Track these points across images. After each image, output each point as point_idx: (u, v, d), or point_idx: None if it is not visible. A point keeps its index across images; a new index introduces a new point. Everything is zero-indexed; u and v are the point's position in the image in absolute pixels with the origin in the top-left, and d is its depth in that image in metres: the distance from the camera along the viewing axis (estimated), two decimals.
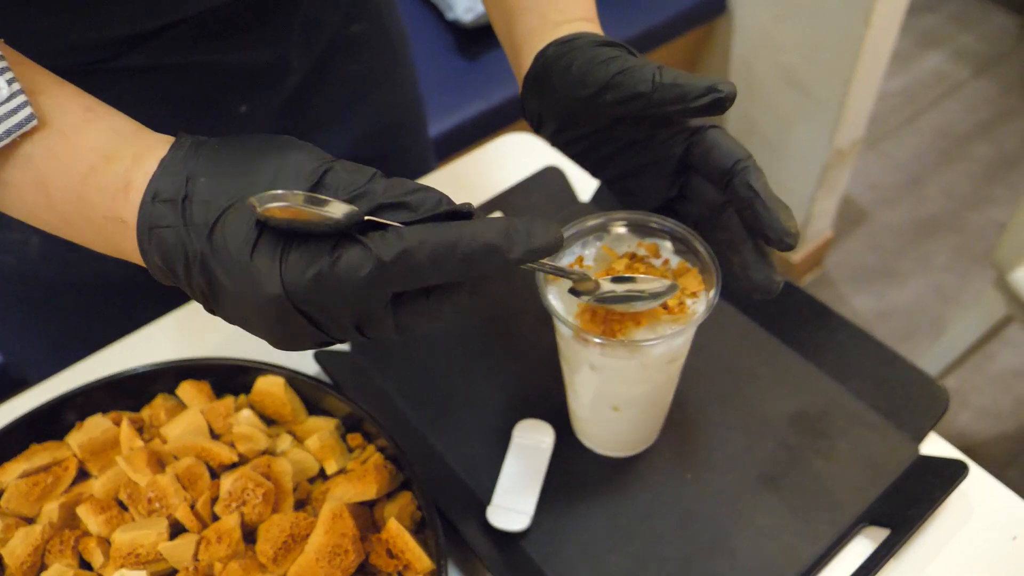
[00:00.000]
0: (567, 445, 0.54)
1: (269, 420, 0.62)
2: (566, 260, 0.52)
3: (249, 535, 0.53)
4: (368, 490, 0.53)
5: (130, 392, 0.61)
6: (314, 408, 0.62)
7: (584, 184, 0.82)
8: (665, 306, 0.43)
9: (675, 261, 0.47)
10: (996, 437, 1.57)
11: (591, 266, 0.51)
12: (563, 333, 0.42)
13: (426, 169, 0.83)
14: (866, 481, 0.49)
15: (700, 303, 0.44)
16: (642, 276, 0.41)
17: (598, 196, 0.79)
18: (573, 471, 0.52)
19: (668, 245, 0.51)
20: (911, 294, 1.91)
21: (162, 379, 0.62)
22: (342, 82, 0.57)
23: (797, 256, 1.86)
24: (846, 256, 2.00)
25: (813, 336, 0.63)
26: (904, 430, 0.52)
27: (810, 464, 0.51)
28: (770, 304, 0.66)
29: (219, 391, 0.63)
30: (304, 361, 0.65)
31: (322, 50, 0.52)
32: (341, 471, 0.57)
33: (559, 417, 0.55)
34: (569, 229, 0.46)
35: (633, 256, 0.50)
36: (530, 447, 0.53)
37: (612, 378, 0.45)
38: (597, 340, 0.41)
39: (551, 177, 0.79)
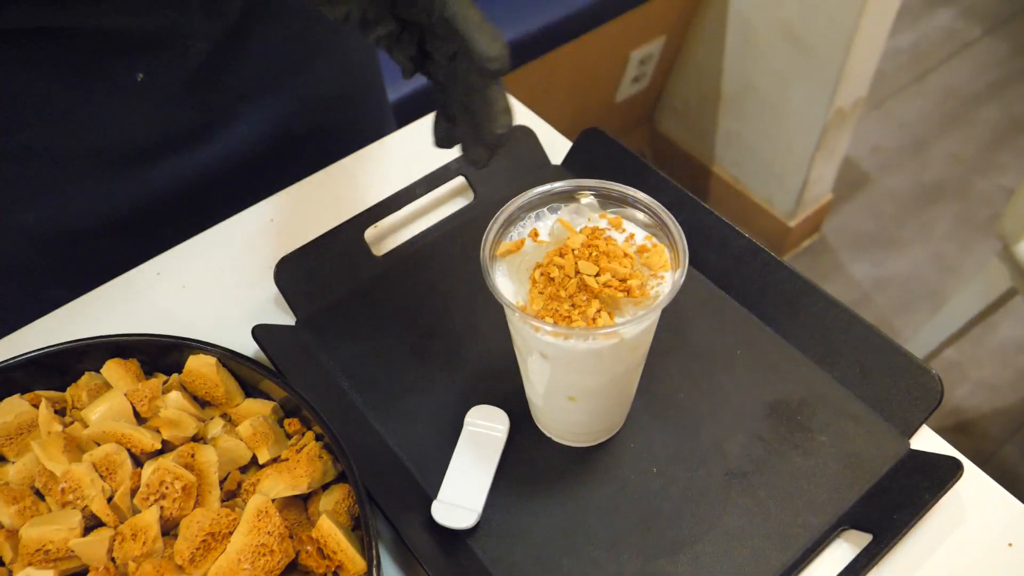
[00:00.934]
0: (523, 433, 0.51)
1: (203, 402, 0.57)
2: (518, 232, 0.47)
3: (173, 530, 0.48)
4: (299, 483, 0.49)
5: (53, 371, 0.56)
6: (252, 389, 0.57)
7: (556, 146, 0.77)
8: (626, 289, 0.42)
9: (640, 236, 0.47)
10: (994, 411, 1.53)
11: (546, 241, 0.46)
12: (510, 316, 0.43)
13: (383, 134, 0.77)
14: (848, 480, 0.46)
15: (665, 285, 0.42)
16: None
17: (570, 159, 0.74)
18: (528, 462, 0.50)
19: (638, 217, 0.47)
20: (910, 263, 1.86)
21: (88, 357, 0.57)
22: (266, 52, 0.51)
23: (794, 221, 1.81)
24: (845, 221, 1.95)
25: (796, 316, 0.59)
26: (892, 423, 0.49)
27: (787, 460, 0.48)
28: (750, 279, 0.62)
29: (149, 370, 0.58)
30: (243, 338, 0.60)
31: (237, 15, 0.46)
32: (275, 460, 0.53)
33: (516, 403, 0.56)
34: (530, 195, 0.46)
35: (594, 231, 0.46)
36: (482, 435, 0.50)
37: (565, 368, 0.43)
38: (547, 327, 0.39)
39: (521, 138, 0.74)
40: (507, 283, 0.42)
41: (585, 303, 0.40)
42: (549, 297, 0.40)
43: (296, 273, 0.63)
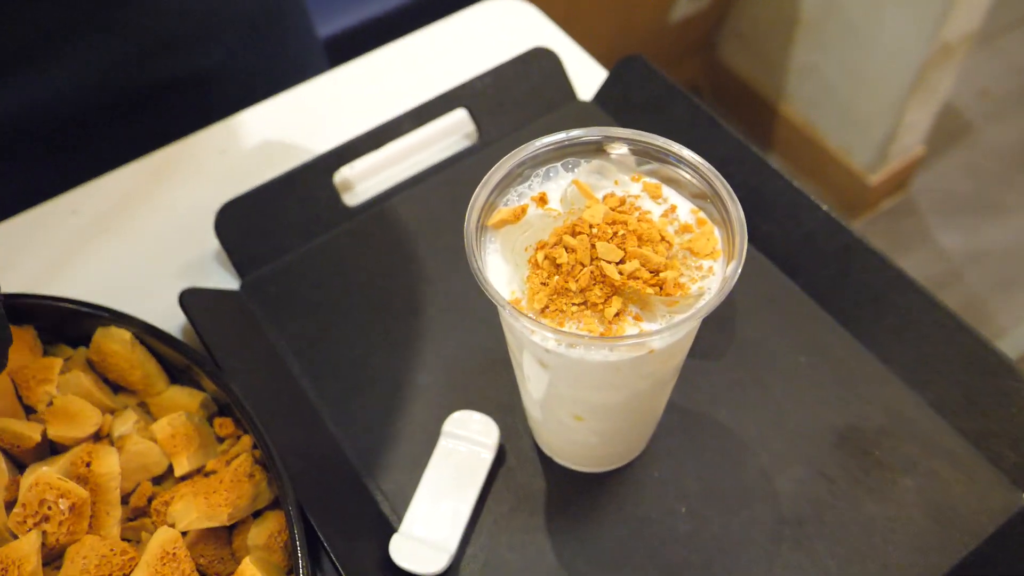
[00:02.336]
0: (517, 450, 0.51)
1: (117, 387, 0.52)
2: (519, 195, 0.43)
3: (58, 561, 0.44)
4: (218, 513, 0.44)
5: None
6: (180, 374, 0.52)
7: (589, 76, 0.71)
8: (659, 284, 0.38)
9: (685, 209, 0.42)
10: None
11: (555, 210, 0.41)
12: (500, 310, 0.40)
13: (307, 74, 0.75)
14: (940, 540, 0.44)
15: (712, 280, 0.39)
16: None
17: (604, 94, 0.67)
18: (521, 489, 0.49)
19: (683, 182, 0.42)
20: (1013, 233, 1.77)
21: None
22: None
23: (875, 176, 1.72)
24: (937, 180, 1.86)
25: (883, 317, 0.54)
26: (1002, 467, 0.47)
27: (857, 507, 0.47)
28: (824, 265, 0.56)
29: (50, 340, 0.53)
30: (173, 304, 0.55)
31: None
32: (197, 472, 0.48)
33: (510, 410, 0.53)
34: (537, 146, 0.42)
35: (622, 201, 0.41)
36: (463, 450, 0.48)
37: (571, 380, 0.40)
38: (547, 334, 0.36)
39: (541, 63, 0.68)
40: (499, 265, 0.39)
41: (602, 300, 0.37)
42: (554, 290, 0.37)
43: (244, 223, 0.59)
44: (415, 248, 0.60)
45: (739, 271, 0.38)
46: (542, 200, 0.42)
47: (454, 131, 0.67)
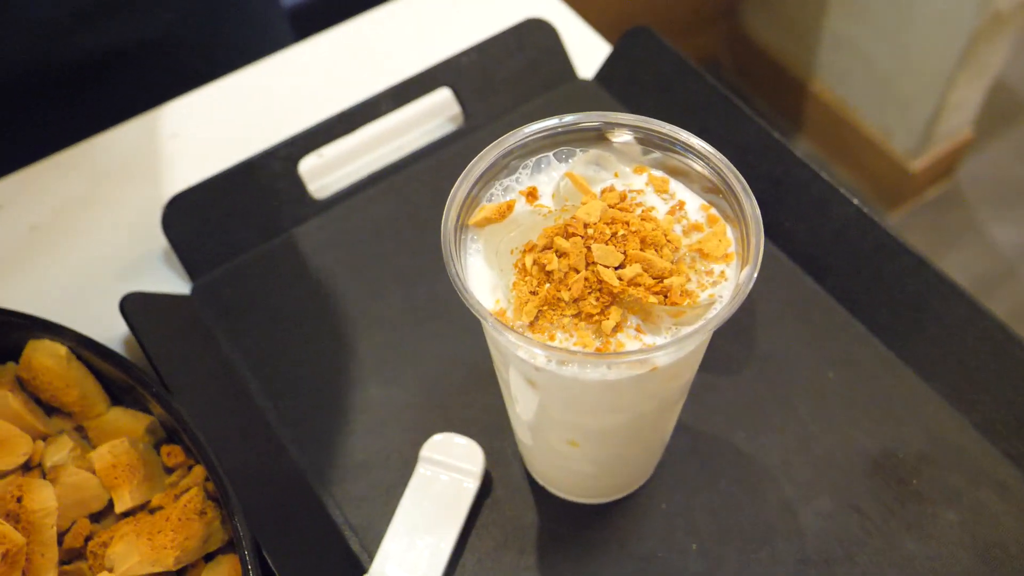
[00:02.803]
0: (506, 478, 0.52)
1: (51, 408, 0.52)
2: (505, 190, 0.42)
3: None
4: (163, 557, 0.44)
5: None
6: (123, 394, 0.52)
7: (586, 49, 0.71)
8: (664, 291, 0.38)
9: (694, 206, 0.41)
10: None
11: (547, 207, 0.41)
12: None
13: (270, 47, 0.74)
14: None
15: (725, 286, 0.39)
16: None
17: (608, 72, 0.67)
18: (510, 523, 0.49)
19: (693, 174, 0.42)
20: None
21: None
22: None
23: (918, 162, 1.72)
24: (987, 166, 1.86)
25: (923, 327, 0.54)
26: None
27: (894, 544, 0.47)
28: (857, 266, 0.56)
29: None
30: (114, 312, 0.55)
31: None
32: (141, 508, 0.47)
33: (498, 433, 0.53)
34: (527, 132, 0.42)
35: (622, 196, 0.41)
36: (444, 480, 0.49)
37: (564, 402, 0.40)
38: (536, 350, 0.36)
39: (536, 36, 0.68)
40: (482, 270, 0.39)
41: (599, 311, 0.37)
42: (544, 299, 0.36)
43: (196, 219, 0.59)
44: (392, 247, 0.60)
45: (755, 276, 0.37)
46: (531, 195, 0.42)
47: (437, 113, 0.67)
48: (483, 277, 0.40)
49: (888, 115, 1.72)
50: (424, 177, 0.63)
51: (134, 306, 0.55)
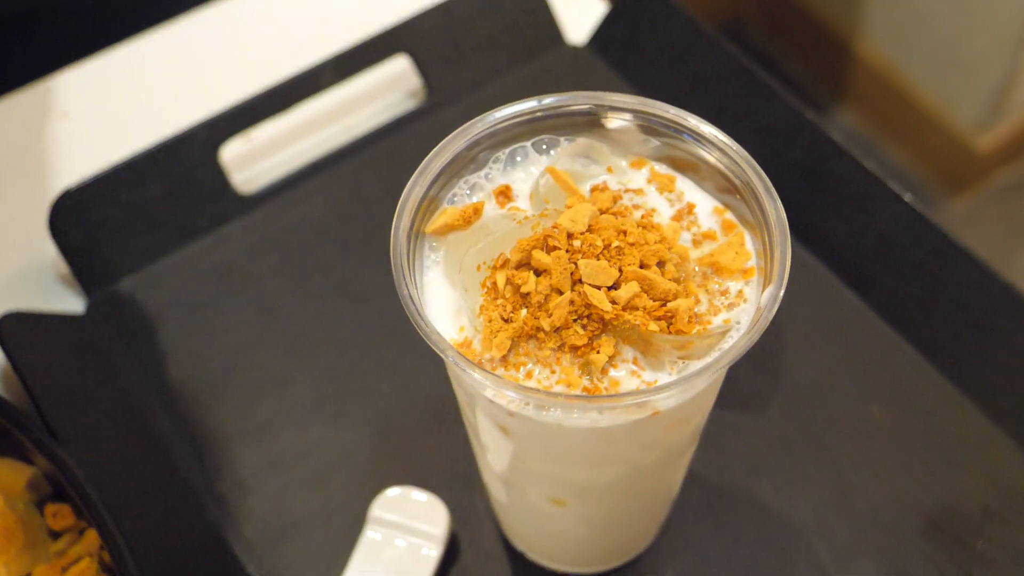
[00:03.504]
0: (476, 542, 0.52)
1: None
2: (470, 189, 0.43)
3: None
4: None
5: None
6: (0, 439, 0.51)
7: (578, 8, 0.71)
8: (668, 316, 0.38)
9: (706, 208, 0.42)
10: None
11: (523, 211, 0.42)
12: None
13: (183, 4, 0.73)
14: None
15: (743, 310, 0.39)
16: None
17: (602, 37, 0.68)
18: None
19: (705, 167, 0.42)
20: None
21: None
22: None
23: (986, 139, 1.73)
24: None
25: (990, 353, 0.55)
26: None
27: None
28: (908, 277, 0.56)
29: None
30: None
31: None
32: None
33: (466, 484, 0.53)
34: (498, 117, 0.42)
35: (615, 198, 0.41)
36: (400, 545, 0.50)
37: (546, 453, 0.41)
38: (509, 392, 0.36)
39: None
40: (443, 290, 0.39)
41: (587, 342, 0.37)
42: (519, 328, 0.37)
43: (91, 220, 0.59)
44: (337, 255, 0.60)
45: (781, 296, 0.37)
46: (504, 196, 0.42)
47: (392, 87, 0.67)
48: (444, 299, 0.40)
49: (949, 82, 1.73)
50: (376, 167, 0.63)
51: (12, 329, 0.54)
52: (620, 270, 0.37)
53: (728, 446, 0.53)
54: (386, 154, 0.63)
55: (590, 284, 0.37)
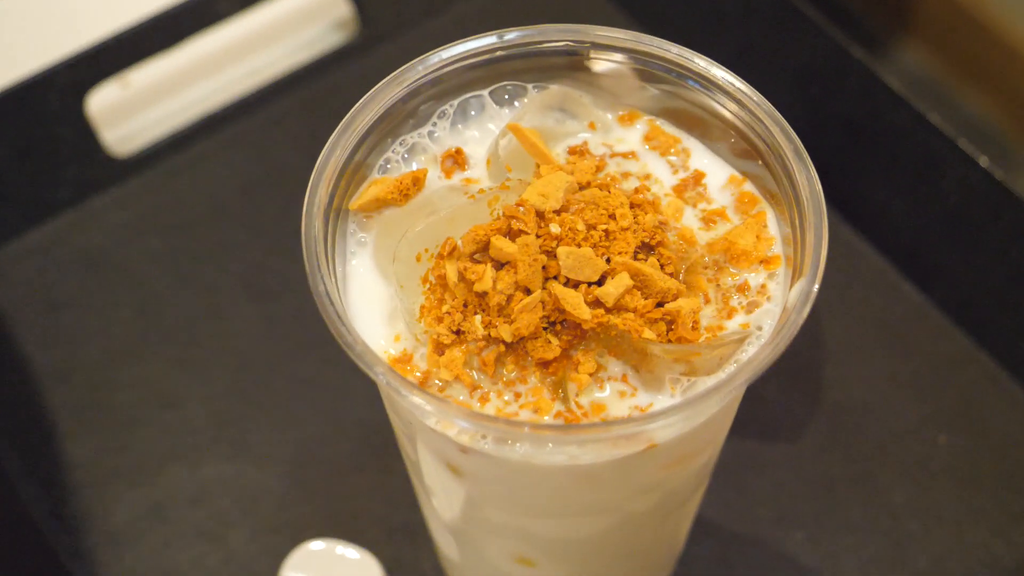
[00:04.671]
0: None
1: None
2: (411, 154, 0.43)
3: None
4: None
5: None
6: None
7: None
8: (669, 319, 0.38)
9: (719, 179, 0.42)
10: None
11: (475, 181, 0.42)
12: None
13: None
14: None
15: (765, 311, 0.40)
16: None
17: None
18: None
19: (715, 122, 0.42)
20: None
21: None
22: None
23: None
24: None
25: None
26: None
27: None
28: (982, 263, 0.57)
29: None
30: None
31: None
32: None
33: (407, 537, 0.54)
34: (451, 54, 0.42)
35: (599, 164, 0.41)
36: None
37: (508, 499, 0.42)
38: (461, 421, 0.36)
39: None
40: (373, 285, 0.40)
41: (560, 355, 0.37)
42: (474, 339, 0.38)
43: None
44: (241, 235, 0.60)
45: (815, 292, 0.37)
46: (453, 162, 0.42)
47: (313, 17, 0.67)
48: (374, 297, 0.40)
49: None
50: (291, 123, 0.63)
51: None
52: (610, 259, 0.38)
53: (749, 486, 0.53)
54: (304, 105, 0.63)
55: (569, 278, 0.37)
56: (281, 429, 0.56)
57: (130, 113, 0.65)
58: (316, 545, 0.51)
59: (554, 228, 0.38)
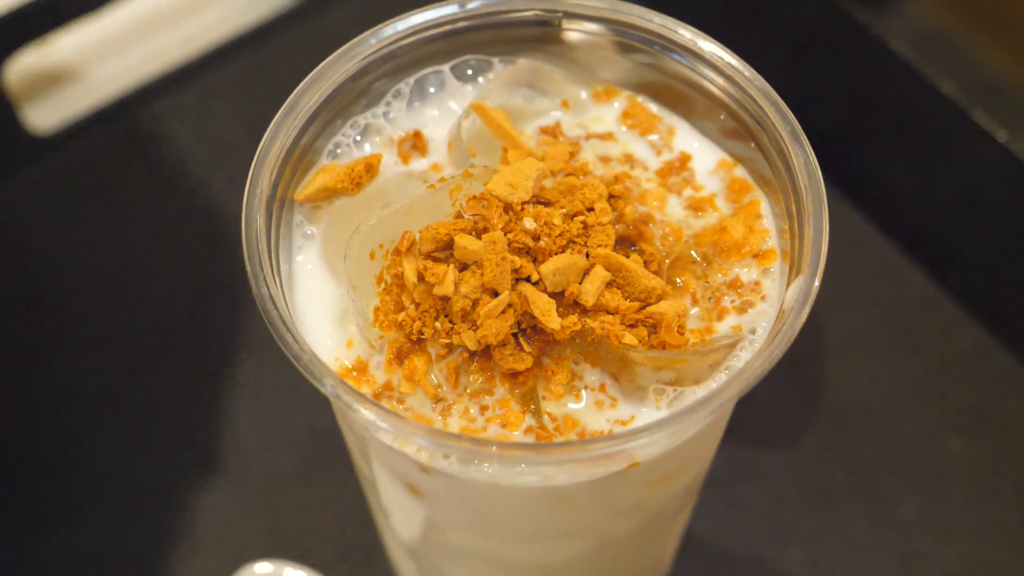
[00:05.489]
0: None
1: None
2: (364, 137, 0.43)
3: None
4: None
5: None
6: None
7: None
8: (652, 322, 0.38)
9: (707, 163, 0.42)
10: None
11: (439, 167, 0.42)
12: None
13: None
14: None
15: (759, 312, 0.40)
16: None
17: None
18: None
19: (701, 99, 0.42)
20: None
21: None
22: None
23: None
24: None
25: None
26: None
27: None
28: (1000, 247, 0.57)
29: None
30: None
31: None
32: None
33: (362, 562, 0.54)
34: (404, 27, 0.42)
35: (571, 151, 0.41)
36: None
37: (474, 522, 0.42)
38: (419, 437, 0.36)
39: None
40: (322, 284, 0.40)
41: (532, 366, 0.37)
42: (435, 347, 0.38)
43: None
44: (173, 222, 0.60)
45: (815, 290, 0.37)
46: (410, 146, 0.42)
47: None
48: (323, 297, 0.40)
49: None
50: (234, 93, 0.63)
51: None
52: (589, 257, 0.38)
53: (743, 498, 0.54)
54: (246, 76, 0.63)
55: (541, 277, 0.37)
56: (220, 436, 0.56)
57: (52, 85, 0.64)
58: (262, 568, 0.51)
59: (529, 223, 0.38)
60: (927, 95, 0.58)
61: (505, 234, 0.37)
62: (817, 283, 0.37)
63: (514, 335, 0.37)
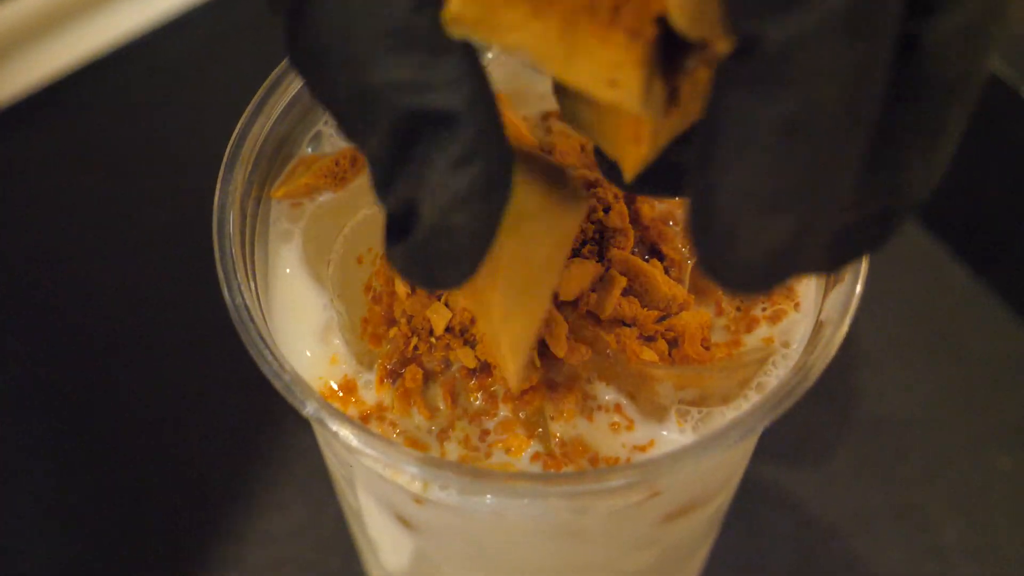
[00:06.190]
0: None
1: None
2: None
3: None
4: None
5: None
6: None
7: None
8: (673, 336, 0.39)
9: None
10: None
11: None
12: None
13: None
14: None
15: (792, 321, 0.40)
16: None
17: None
18: None
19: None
20: None
21: None
22: None
23: None
24: None
25: None
26: None
27: None
28: None
29: None
30: None
31: None
32: None
33: None
34: None
35: (582, 146, 0.41)
36: None
37: (474, 559, 0.42)
38: (411, 465, 0.35)
39: None
40: (304, 291, 0.40)
41: (538, 383, 0.37)
42: (429, 361, 0.38)
43: None
44: (136, 210, 0.59)
45: (857, 296, 0.37)
46: None
47: None
48: (305, 306, 0.40)
49: None
50: (201, 66, 0.63)
51: None
52: (607, 260, 0.38)
53: (769, 521, 0.53)
54: (213, 43, 0.63)
55: (559, 292, 0.36)
56: (183, 454, 0.56)
57: (3, 52, 0.64)
58: None
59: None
60: (960, 46, 0.58)
61: None
62: (859, 290, 0.37)
63: None
